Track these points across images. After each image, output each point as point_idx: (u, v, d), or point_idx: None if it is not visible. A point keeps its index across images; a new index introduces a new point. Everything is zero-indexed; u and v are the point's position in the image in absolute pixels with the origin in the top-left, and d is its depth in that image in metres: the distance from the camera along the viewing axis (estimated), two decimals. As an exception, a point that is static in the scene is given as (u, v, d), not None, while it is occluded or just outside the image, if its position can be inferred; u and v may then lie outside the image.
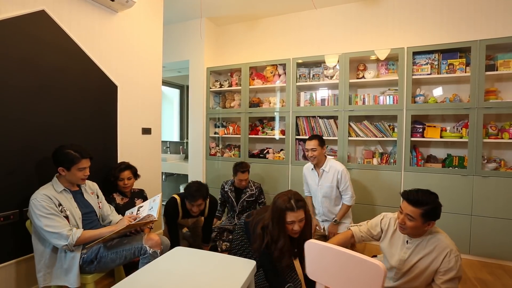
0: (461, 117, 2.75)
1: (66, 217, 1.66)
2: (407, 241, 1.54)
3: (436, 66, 2.74)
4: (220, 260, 1.56)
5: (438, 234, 1.48)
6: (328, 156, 2.60)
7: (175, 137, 5.08)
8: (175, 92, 5.38)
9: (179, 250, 1.69)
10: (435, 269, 1.42)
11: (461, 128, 2.69)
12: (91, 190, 1.91)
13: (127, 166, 2.35)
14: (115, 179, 2.28)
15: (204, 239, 2.58)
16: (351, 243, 1.74)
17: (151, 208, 1.91)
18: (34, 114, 1.89)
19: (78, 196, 1.80)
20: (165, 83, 5.08)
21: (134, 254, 1.73)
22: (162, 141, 4.92)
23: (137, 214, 1.95)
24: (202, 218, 2.61)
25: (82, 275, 1.68)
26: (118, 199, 2.31)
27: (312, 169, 2.57)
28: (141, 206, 2.02)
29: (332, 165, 2.47)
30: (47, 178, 1.82)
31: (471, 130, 2.56)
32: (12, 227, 1.79)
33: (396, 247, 1.59)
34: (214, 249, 2.64)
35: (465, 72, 2.63)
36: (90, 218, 1.81)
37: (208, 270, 1.44)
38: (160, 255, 1.66)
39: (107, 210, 1.99)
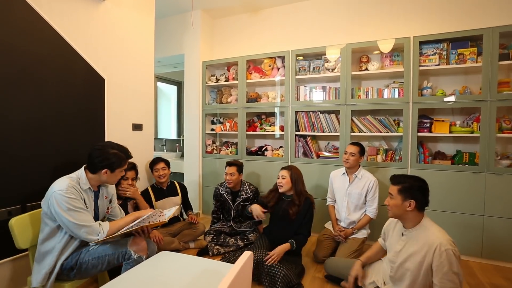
0: (472, 111, 2.58)
1: None
2: (402, 234, 1.54)
3: (445, 57, 2.56)
4: (205, 266, 1.43)
5: (430, 227, 1.45)
6: (361, 166, 2.51)
7: (173, 135, 4.96)
8: (173, 89, 5.25)
9: (164, 255, 1.56)
10: (429, 266, 1.38)
11: (472, 123, 2.52)
12: (106, 195, 1.80)
13: (133, 166, 2.30)
14: (120, 177, 2.17)
15: (187, 208, 2.86)
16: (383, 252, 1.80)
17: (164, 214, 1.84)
18: (9, 108, 1.74)
19: (94, 199, 1.70)
20: (162, 79, 4.95)
21: (118, 259, 1.60)
22: (158, 139, 4.82)
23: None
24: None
25: (60, 282, 1.55)
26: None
27: (343, 173, 2.50)
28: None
29: (365, 174, 2.44)
30: (23, 174, 1.70)
31: (483, 124, 2.38)
32: (-15, 229, 1.66)
33: (394, 241, 1.60)
34: (205, 252, 2.50)
35: (477, 62, 2.46)
36: None
37: (191, 276, 1.32)
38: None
39: (117, 214, 1.89)
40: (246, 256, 1.15)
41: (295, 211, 2.15)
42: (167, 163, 2.68)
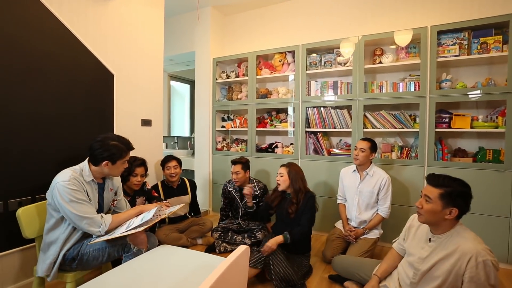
0: (497, 104, 2.39)
1: None
2: (430, 239, 1.35)
3: (466, 46, 2.39)
4: (203, 260, 1.40)
5: (465, 233, 1.26)
6: (373, 163, 2.37)
7: (186, 133, 5.00)
8: (186, 88, 5.31)
9: (164, 248, 1.54)
10: (460, 275, 1.23)
11: (496, 117, 2.33)
12: (112, 187, 1.80)
13: (143, 163, 2.25)
14: (129, 173, 2.16)
15: (195, 213, 2.87)
16: (400, 260, 1.61)
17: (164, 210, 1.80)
18: (19, 103, 1.80)
19: (99, 191, 1.71)
20: (176, 78, 5.01)
21: (118, 252, 1.59)
22: (171, 136, 4.87)
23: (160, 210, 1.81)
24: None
25: (63, 273, 1.57)
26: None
27: (354, 171, 2.39)
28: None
29: (376, 171, 2.31)
30: (33, 168, 1.74)
31: (509, 119, 2.19)
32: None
33: (417, 245, 1.42)
34: (213, 249, 2.47)
35: (502, 51, 2.27)
36: None
37: (187, 269, 1.30)
38: (146, 254, 1.51)
39: (122, 206, 1.89)
40: (241, 250, 1.10)
41: (294, 210, 2.10)
42: (179, 162, 2.65)
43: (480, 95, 2.30)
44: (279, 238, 1.97)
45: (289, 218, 2.11)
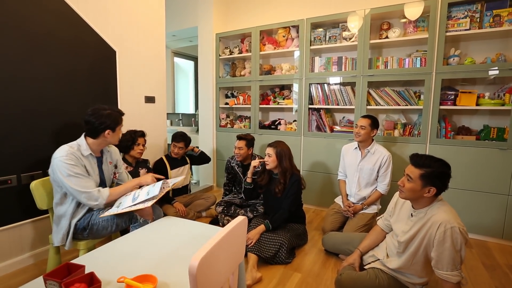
0: (506, 81, 2.32)
1: None
2: (411, 214, 1.46)
3: (477, 20, 2.29)
4: (203, 231, 1.47)
5: (442, 207, 1.35)
6: (375, 141, 2.38)
7: (191, 109, 5.02)
8: (190, 64, 5.25)
9: (167, 219, 1.62)
10: (431, 240, 1.33)
11: (504, 94, 2.28)
12: (110, 160, 1.85)
13: (143, 134, 2.38)
14: (133, 143, 2.29)
15: (206, 161, 3.00)
16: (383, 236, 1.73)
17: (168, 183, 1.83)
18: (24, 80, 1.83)
19: (98, 164, 1.76)
20: (179, 54, 4.95)
21: (126, 222, 1.69)
22: (176, 113, 4.91)
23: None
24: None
25: (77, 241, 1.68)
26: (123, 167, 2.28)
27: (356, 148, 2.40)
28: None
29: (378, 149, 2.32)
30: (43, 143, 1.81)
31: (516, 96, 2.15)
32: (9, 192, 1.82)
33: (402, 220, 1.52)
34: (216, 223, 2.58)
35: (515, 25, 2.17)
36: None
37: (187, 238, 1.37)
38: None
39: (124, 179, 1.95)
40: (239, 220, 1.16)
41: (281, 189, 2.12)
42: (186, 144, 2.71)
43: (497, 72, 2.20)
44: (261, 228, 2.04)
45: (276, 198, 2.14)
